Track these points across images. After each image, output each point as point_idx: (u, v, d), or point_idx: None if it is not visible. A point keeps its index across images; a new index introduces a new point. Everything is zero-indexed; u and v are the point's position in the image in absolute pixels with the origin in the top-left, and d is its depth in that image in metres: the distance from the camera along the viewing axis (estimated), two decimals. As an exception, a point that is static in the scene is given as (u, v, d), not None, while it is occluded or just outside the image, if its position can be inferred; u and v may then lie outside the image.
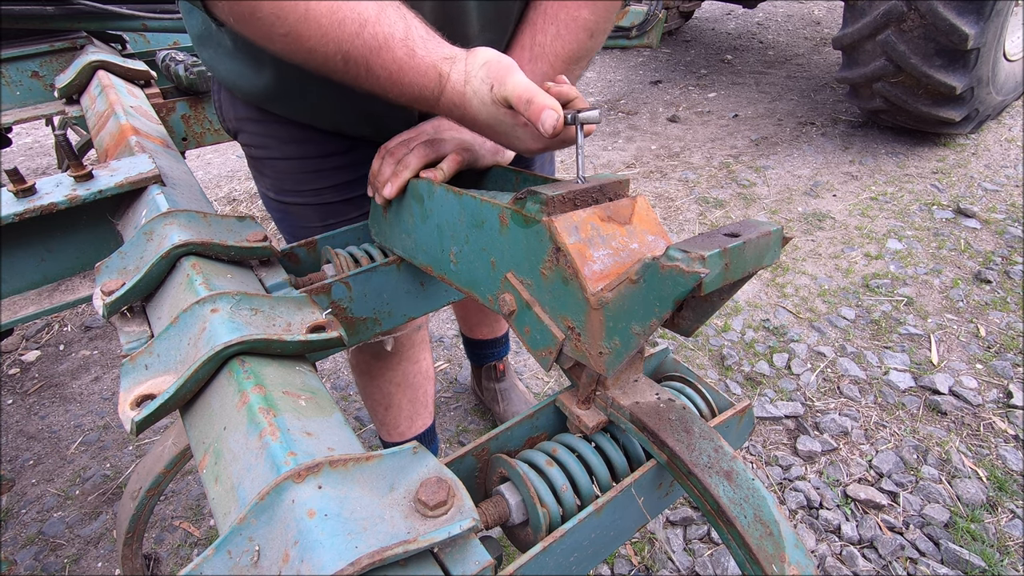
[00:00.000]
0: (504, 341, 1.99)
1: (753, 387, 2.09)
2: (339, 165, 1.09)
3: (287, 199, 1.14)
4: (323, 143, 1.07)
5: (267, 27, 0.71)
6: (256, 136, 1.10)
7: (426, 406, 1.60)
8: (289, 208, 1.16)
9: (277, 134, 1.07)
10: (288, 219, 1.18)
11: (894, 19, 2.95)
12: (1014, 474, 1.71)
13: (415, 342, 1.45)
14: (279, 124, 1.06)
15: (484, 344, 1.96)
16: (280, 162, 1.10)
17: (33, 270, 0.93)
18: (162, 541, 1.76)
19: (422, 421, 1.60)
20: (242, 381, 0.55)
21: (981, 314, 2.31)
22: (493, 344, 1.96)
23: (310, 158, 1.09)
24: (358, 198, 1.13)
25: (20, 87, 1.74)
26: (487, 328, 1.91)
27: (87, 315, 2.74)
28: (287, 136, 1.07)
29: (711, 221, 3.06)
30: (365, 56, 0.72)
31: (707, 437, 0.57)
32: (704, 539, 1.63)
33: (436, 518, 0.42)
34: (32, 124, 4.98)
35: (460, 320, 1.96)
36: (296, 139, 1.07)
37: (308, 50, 0.72)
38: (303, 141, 1.07)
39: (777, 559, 0.49)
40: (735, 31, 6.00)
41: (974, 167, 3.31)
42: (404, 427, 1.58)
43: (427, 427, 1.63)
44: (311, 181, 1.10)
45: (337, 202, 1.13)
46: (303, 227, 1.16)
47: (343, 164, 1.09)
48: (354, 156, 1.09)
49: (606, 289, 0.53)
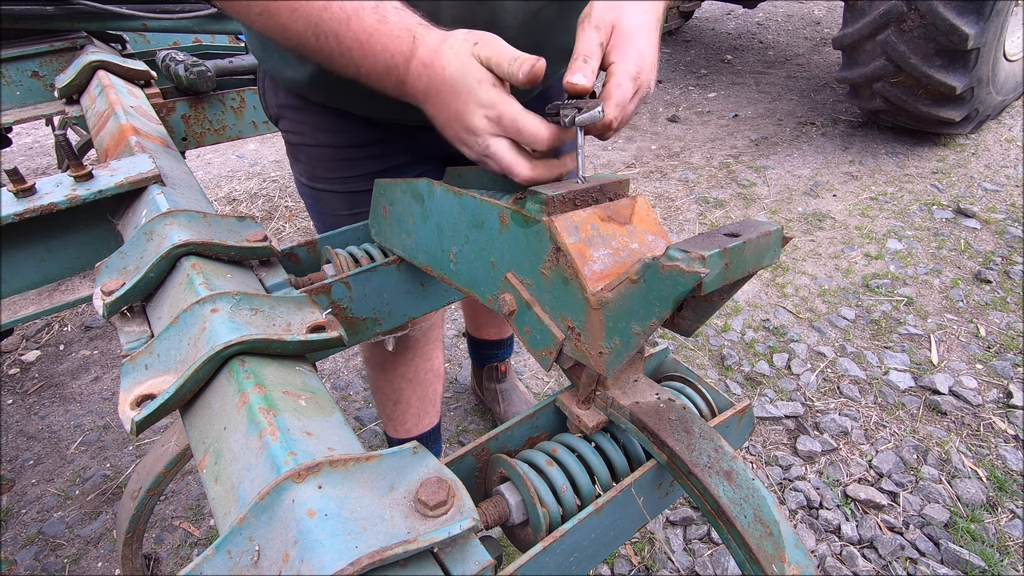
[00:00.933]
0: (509, 343, 1.98)
1: (753, 387, 2.09)
2: (369, 155, 1.13)
3: (318, 185, 1.18)
4: (355, 132, 1.10)
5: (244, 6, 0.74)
6: (294, 123, 1.13)
7: (434, 404, 1.61)
8: (320, 195, 1.19)
9: (313, 122, 1.11)
10: (319, 205, 1.22)
11: (894, 19, 2.95)
12: (1014, 474, 1.71)
13: (430, 339, 1.46)
14: (315, 112, 1.10)
15: (489, 345, 1.95)
16: (313, 149, 1.14)
17: (33, 270, 0.92)
18: (162, 541, 1.76)
19: (429, 419, 1.61)
20: (242, 381, 0.55)
21: (981, 314, 2.31)
22: (498, 345, 1.96)
23: (342, 147, 1.12)
24: None
25: (20, 87, 1.74)
26: (494, 329, 1.90)
27: (87, 315, 2.74)
28: (322, 124, 1.10)
29: (711, 221, 3.06)
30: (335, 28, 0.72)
31: (707, 437, 0.57)
32: (704, 539, 1.63)
33: (436, 518, 0.42)
34: (32, 124, 4.98)
35: (467, 319, 1.95)
36: (331, 127, 1.10)
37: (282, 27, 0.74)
38: (337, 130, 1.10)
39: (777, 559, 0.49)
40: (735, 31, 6.00)
41: (974, 167, 3.31)
42: (411, 423, 1.59)
43: (433, 426, 1.64)
44: (342, 169, 1.14)
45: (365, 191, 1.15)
46: (332, 215, 1.20)
47: (373, 155, 1.12)
48: (385, 147, 1.12)
49: (606, 289, 0.53)
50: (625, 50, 0.69)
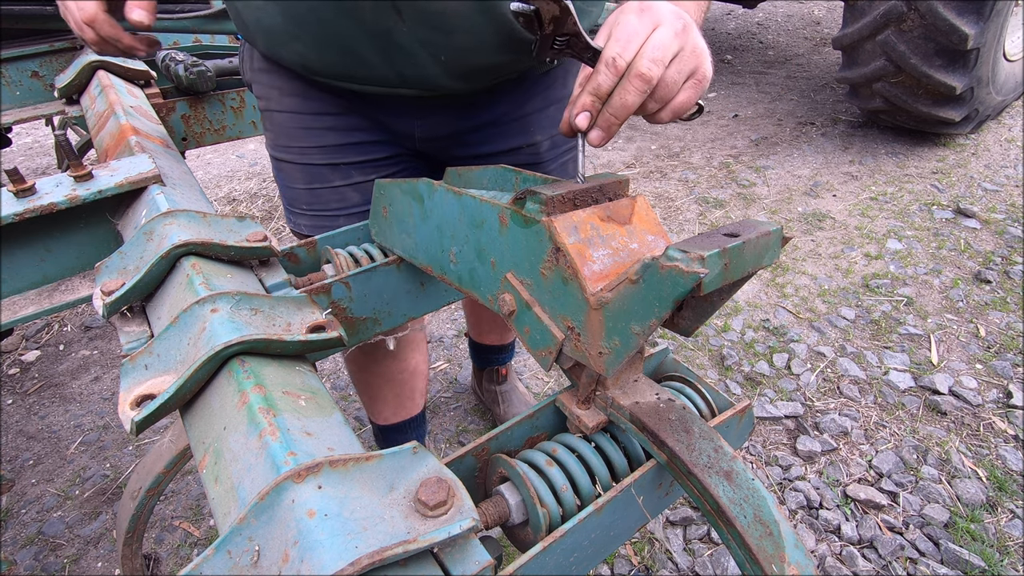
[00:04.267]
0: (511, 348, 1.98)
1: (753, 387, 2.09)
2: (329, 126, 1.13)
3: (280, 154, 1.19)
4: (318, 101, 1.11)
5: None
6: (264, 87, 1.15)
7: (412, 399, 1.64)
8: (281, 165, 1.20)
9: (279, 85, 1.12)
10: (280, 176, 1.23)
11: (894, 19, 2.95)
12: (1014, 474, 1.71)
13: (409, 341, 1.47)
14: (282, 77, 1.11)
15: (491, 350, 1.95)
16: (277, 114, 1.15)
17: (33, 270, 0.92)
18: (162, 541, 1.76)
19: (406, 411, 1.65)
20: (242, 381, 0.55)
21: (981, 314, 2.31)
22: (500, 351, 1.95)
23: (304, 113, 1.12)
24: (344, 166, 1.16)
25: (20, 87, 1.74)
26: (496, 335, 1.89)
27: (87, 315, 2.74)
28: (288, 89, 1.11)
29: (711, 221, 3.06)
30: None
31: (707, 437, 0.57)
32: (704, 539, 1.63)
33: (436, 518, 0.42)
34: (32, 124, 4.98)
35: (470, 324, 1.94)
36: (295, 92, 1.11)
37: None
38: (301, 96, 1.11)
39: (777, 559, 0.49)
40: (735, 31, 6.00)
41: (974, 167, 3.31)
42: (389, 415, 1.64)
43: (413, 416, 1.68)
44: (301, 138, 1.14)
45: (322, 165, 1.16)
46: (290, 187, 1.21)
47: (333, 126, 1.13)
48: (347, 121, 1.12)
49: (606, 289, 0.53)
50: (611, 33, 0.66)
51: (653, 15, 0.65)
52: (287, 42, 0.99)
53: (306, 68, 1.02)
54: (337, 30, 0.93)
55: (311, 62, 1.00)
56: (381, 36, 0.92)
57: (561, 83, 1.19)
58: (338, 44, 0.95)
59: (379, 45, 0.94)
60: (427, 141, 1.17)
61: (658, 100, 0.67)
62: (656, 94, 0.66)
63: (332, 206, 1.18)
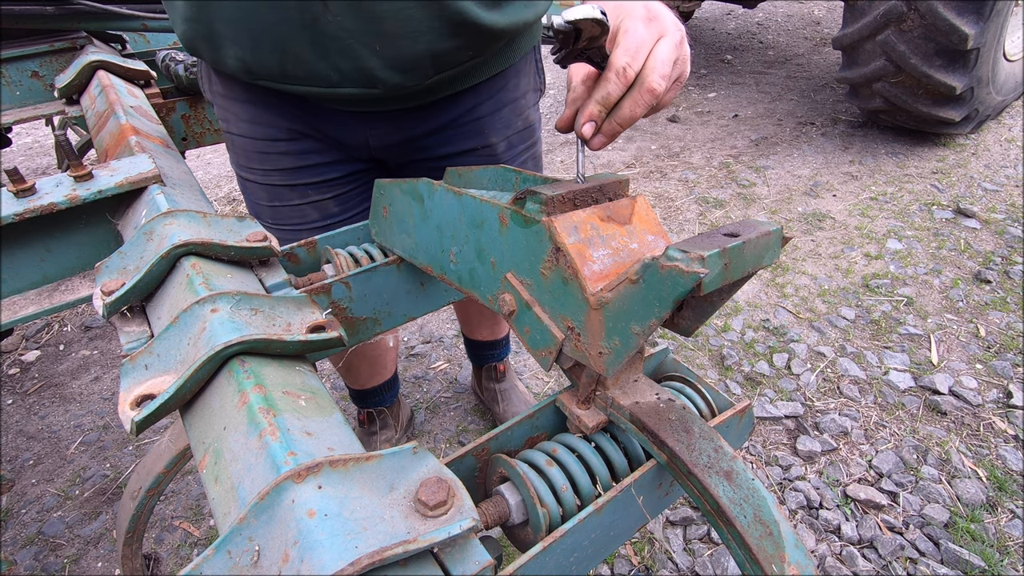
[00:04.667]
0: (505, 343, 1.99)
1: (753, 387, 2.09)
2: (284, 151, 1.15)
3: (243, 173, 1.23)
4: (271, 127, 1.13)
5: None
6: (221, 110, 1.17)
7: (384, 366, 1.83)
8: (245, 183, 1.24)
9: (235, 111, 1.14)
10: (246, 192, 1.27)
11: (894, 19, 2.95)
12: (1014, 474, 1.71)
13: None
14: (237, 102, 1.13)
15: (485, 345, 1.96)
16: (236, 138, 1.18)
17: (33, 270, 0.92)
18: (162, 541, 1.76)
19: (380, 377, 1.84)
20: (242, 381, 0.55)
21: (981, 314, 2.31)
22: (494, 346, 1.96)
23: (259, 139, 1.15)
24: (301, 186, 1.19)
25: (20, 87, 1.74)
26: (487, 330, 1.91)
27: (87, 315, 2.74)
28: (242, 114, 1.14)
29: (711, 221, 3.06)
30: None
31: (707, 437, 0.57)
32: (704, 539, 1.63)
33: (436, 518, 0.42)
34: (32, 124, 4.98)
35: (461, 321, 1.96)
36: (248, 118, 1.13)
37: None
38: (253, 122, 1.13)
39: (777, 559, 0.49)
40: (735, 31, 6.00)
41: (974, 167, 3.31)
42: (364, 380, 1.83)
43: (386, 379, 1.86)
44: (260, 161, 1.17)
45: (282, 186, 1.20)
46: (256, 203, 1.26)
47: (287, 151, 1.15)
48: (299, 145, 1.15)
49: (606, 289, 0.53)
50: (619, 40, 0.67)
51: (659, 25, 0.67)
52: (225, 46, 0.98)
53: (248, 72, 1.01)
54: (267, 26, 0.92)
55: (250, 64, 1.00)
56: (310, 28, 0.91)
57: (513, 85, 1.20)
58: (271, 41, 0.94)
59: (310, 38, 0.93)
60: (382, 149, 1.18)
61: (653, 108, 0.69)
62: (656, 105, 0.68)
63: (293, 222, 1.23)
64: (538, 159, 1.36)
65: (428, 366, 2.34)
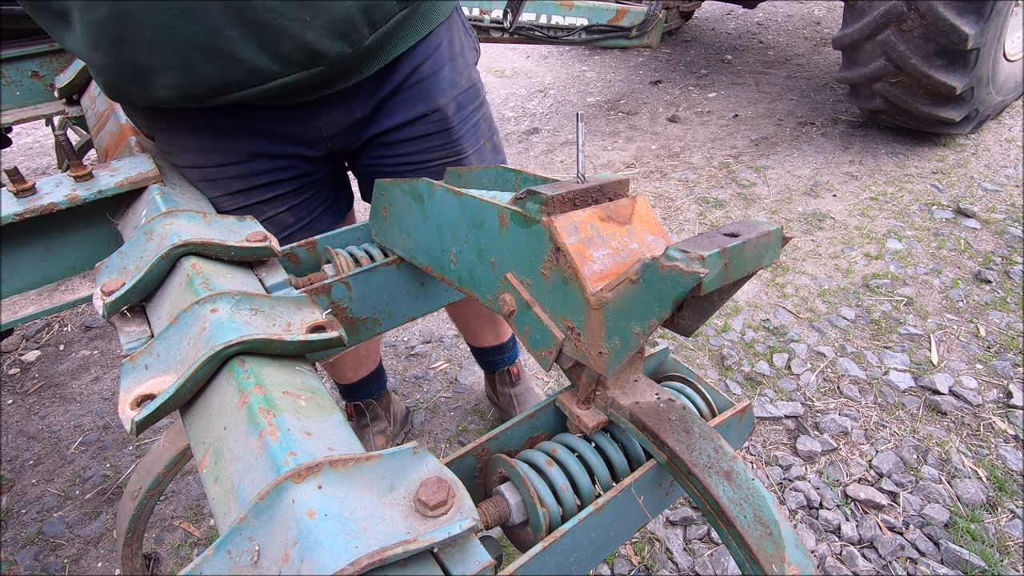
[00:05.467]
0: (512, 345, 1.97)
1: (753, 387, 2.09)
2: (233, 175, 1.14)
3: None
4: (217, 152, 1.11)
5: None
6: (164, 143, 1.14)
7: (368, 357, 1.84)
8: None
9: (178, 141, 1.11)
10: None
11: (894, 19, 2.95)
12: (1014, 474, 1.71)
13: None
14: (180, 132, 1.10)
15: (492, 351, 1.94)
16: (183, 169, 1.15)
17: (33, 270, 0.93)
18: (162, 541, 1.76)
19: (365, 369, 1.85)
20: (242, 381, 0.55)
21: (981, 314, 2.31)
22: (501, 350, 1.94)
23: (206, 167, 1.13)
24: (255, 205, 1.18)
25: (20, 87, 1.74)
26: (491, 334, 1.88)
27: (87, 315, 2.74)
28: (187, 144, 1.11)
29: (711, 221, 3.06)
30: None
31: (707, 437, 0.57)
32: (704, 539, 1.63)
33: (436, 518, 0.42)
34: (32, 124, 4.98)
35: (462, 330, 1.93)
36: (195, 147, 1.11)
37: None
38: (200, 150, 1.11)
39: (777, 559, 0.49)
40: (735, 31, 6.00)
41: (974, 167, 3.31)
42: (349, 374, 1.83)
43: (372, 370, 1.88)
44: (209, 189, 1.15)
45: (235, 210, 1.18)
46: None
47: (237, 174, 1.14)
48: (249, 167, 1.13)
49: (606, 289, 0.53)
50: None
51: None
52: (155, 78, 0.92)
53: (187, 96, 0.96)
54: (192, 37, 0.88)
55: (188, 86, 0.95)
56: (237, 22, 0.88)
57: (447, 42, 1.19)
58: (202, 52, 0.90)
59: (240, 33, 0.90)
60: (335, 136, 1.17)
61: None
62: None
63: None
64: (490, 120, 1.35)
65: (428, 366, 2.34)
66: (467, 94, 1.26)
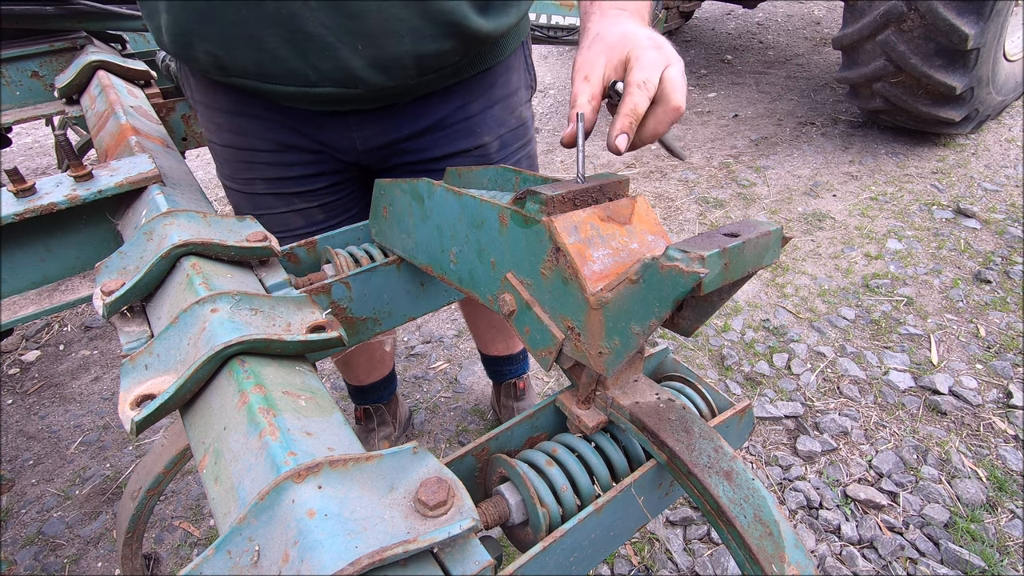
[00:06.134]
0: (523, 358, 1.95)
1: (753, 387, 2.09)
2: (268, 162, 1.14)
3: (227, 183, 1.22)
4: (254, 138, 1.11)
5: None
6: (204, 119, 1.16)
7: (383, 361, 1.84)
8: (229, 192, 1.24)
9: (218, 120, 1.12)
10: (230, 200, 1.27)
11: (894, 19, 2.95)
12: (1014, 474, 1.71)
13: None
14: (220, 112, 1.11)
15: (501, 361, 1.92)
16: (219, 148, 1.16)
17: (33, 270, 0.92)
18: (162, 541, 1.76)
19: (378, 372, 1.85)
20: (242, 381, 0.55)
21: (981, 314, 2.31)
22: (510, 361, 1.92)
23: (243, 149, 1.13)
24: (287, 195, 1.18)
25: (20, 87, 1.74)
26: (502, 344, 1.87)
27: (87, 315, 2.74)
28: (226, 124, 1.12)
29: (711, 221, 3.06)
30: None
31: (707, 437, 0.57)
32: (704, 539, 1.63)
33: (436, 518, 0.42)
34: (32, 124, 4.98)
35: (475, 336, 1.92)
36: (232, 129, 1.12)
37: None
38: (237, 132, 1.12)
39: (777, 559, 0.49)
40: (735, 31, 6.00)
41: (974, 167, 3.31)
42: (363, 376, 1.84)
43: (385, 375, 1.88)
44: (243, 171, 1.16)
45: (266, 194, 1.18)
46: (240, 213, 1.24)
47: (272, 161, 1.14)
48: (283, 156, 1.13)
49: (606, 289, 0.53)
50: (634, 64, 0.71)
51: (666, 53, 0.71)
52: (195, 42, 0.95)
53: (220, 69, 0.98)
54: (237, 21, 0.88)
55: (222, 60, 0.96)
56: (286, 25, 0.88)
57: (503, 81, 1.16)
58: (244, 38, 0.91)
59: (287, 36, 0.90)
60: (368, 152, 1.14)
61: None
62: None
63: (276, 230, 1.21)
64: (533, 159, 1.32)
65: (428, 366, 2.34)
66: (514, 133, 1.23)
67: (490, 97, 1.15)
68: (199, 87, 1.12)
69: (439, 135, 1.14)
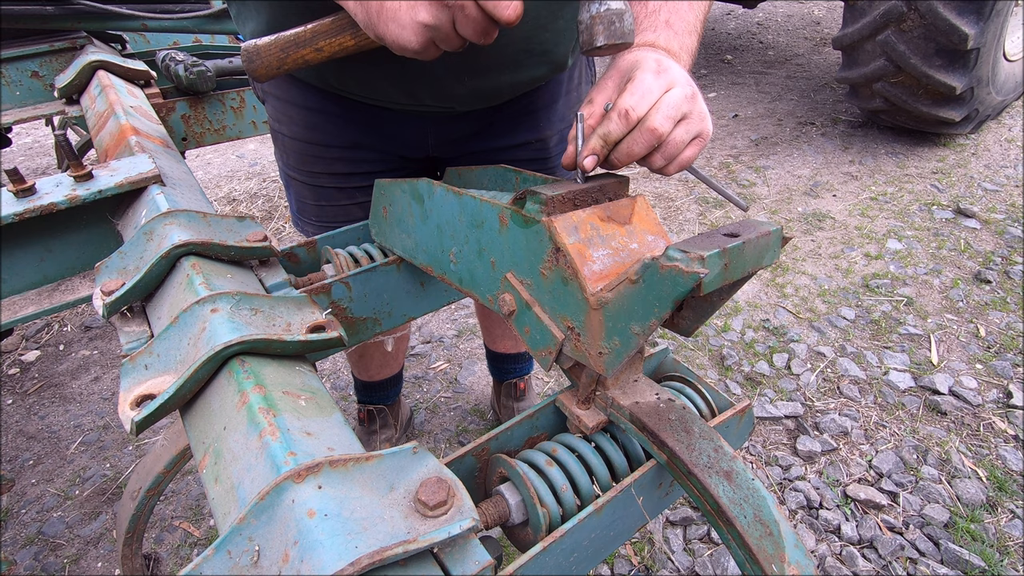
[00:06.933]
0: (528, 358, 1.96)
1: (753, 387, 2.09)
2: (338, 157, 1.17)
3: (291, 172, 1.25)
4: (326, 135, 1.14)
5: None
6: (274, 111, 1.19)
7: (396, 359, 1.84)
8: (291, 181, 1.27)
9: (290, 113, 1.15)
10: (291, 189, 1.30)
11: (894, 19, 2.95)
12: (1014, 474, 1.71)
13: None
14: (293, 106, 1.14)
15: (506, 359, 1.93)
16: (288, 140, 1.19)
17: (33, 270, 0.92)
18: (162, 541, 1.76)
19: (389, 369, 1.85)
20: (242, 381, 0.55)
21: (981, 314, 2.31)
22: (516, 360, 1.93)
23: (314, 143, 1.16)
24: (351, 189, 1.21)
25: (20, 87, 1.74)
26: (510, 342, 1.88)
27: (87, 315, 2.74)
28: (298, 118, 1.14)
29: (711, 221, 3.06)
30: None
31: (707, 437, 0.57)
32: (704, 539, 1.63)
33: (436, 518, 0.42)
34: (32, 124, 4.98)
35: (484, 331, 1.94)
36: (305, 123, 1.14)
37: None
38: (309, 127, 1.14)
39: (777, 559, 0.49)
40: (735, 31, 6.00)
41: (974, 167, 3.31)
42: (374, 372, 1.83)
43: (394, 374, 1.87)
44: (311, 164, 1.19)
45: (331, 188, 1.22)
46: (301, 201, 1.28)
47: (341, 156, 1.17)
48: (354, 153, 1.17)
49: (606, 289, 0.53)
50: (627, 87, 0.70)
51: (668, 77, 0.69)
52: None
53: (322, 80, 1.05)
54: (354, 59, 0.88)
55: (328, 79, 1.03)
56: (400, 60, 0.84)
57: (568, 77, 1.21)
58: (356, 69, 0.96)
59: (399, 69, 0.94)
60: (439, 146, 1.20)
61: (666, 157, 0.70)
62: (665, 151, 0.69)
63: (338, 220, 1.24)
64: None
65: (428, 366, 2.34)
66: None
67: (554, 94, 1.20)
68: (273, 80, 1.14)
69: (505, 126, 1.20)
